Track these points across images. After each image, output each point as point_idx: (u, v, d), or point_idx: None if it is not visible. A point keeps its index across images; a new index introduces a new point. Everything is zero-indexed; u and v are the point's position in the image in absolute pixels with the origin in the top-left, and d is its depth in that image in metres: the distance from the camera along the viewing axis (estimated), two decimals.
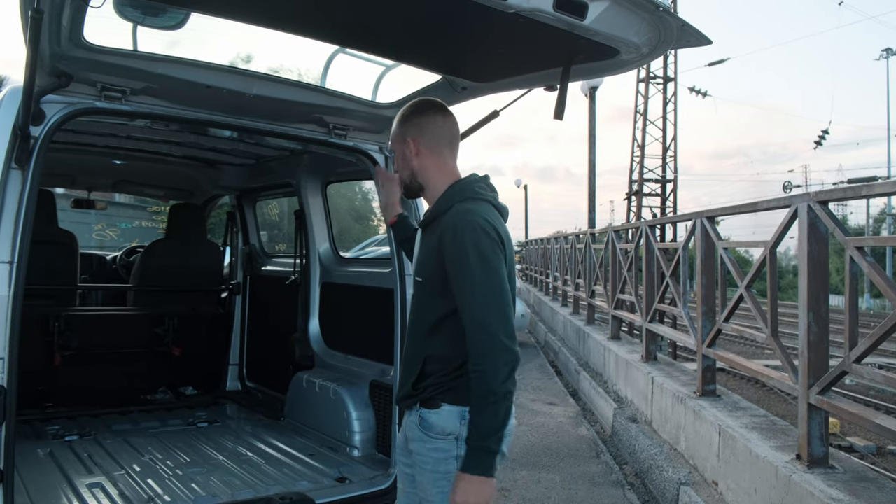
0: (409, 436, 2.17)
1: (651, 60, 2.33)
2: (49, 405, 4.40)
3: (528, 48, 2.42)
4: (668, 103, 21.98)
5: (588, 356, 10.23)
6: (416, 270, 2.18)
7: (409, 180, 2.22)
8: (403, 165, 2.21)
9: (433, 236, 2.07)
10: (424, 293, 2.12)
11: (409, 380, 2.11)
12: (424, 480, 2.10)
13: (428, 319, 2.09)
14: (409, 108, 2.26)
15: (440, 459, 2.06)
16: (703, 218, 5.63)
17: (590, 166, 14.27)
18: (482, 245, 1.95)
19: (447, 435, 2.05)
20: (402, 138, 2.20)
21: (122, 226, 18.11)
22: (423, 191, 2.21)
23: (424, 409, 2.08)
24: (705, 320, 5.65)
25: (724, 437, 4.67)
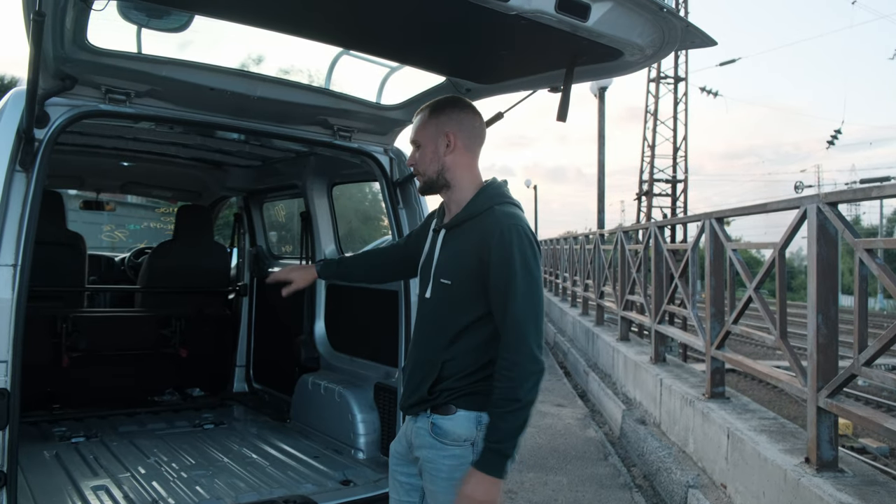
0: (414, 443, 2.11)
1: (655, 62, 2.31)
2: (56, 406, 4.42)
3: (532, 50, 2.40)
4: (678, 103, 21.89)
5: (597, 357, 10.20)
6: (441, 272, 2.07)
7: (435, 175, 2.11)
8: (433, 159, 2.11)
9: (466, 238, 2.03)
10: (453, 296, 2.03)
11: (423, 385, 2.06)
12: (437, 489, 2.05)
13: (454, 324, 2.03)
14: (445, 102, 2.18)
15: (455, 466, 2.01)
16: (711, 219, 5.59)
17: (599, 167, 14.22)
18: (527, 254, 1.95)
19: (463, 441, 2.01)
20: (439, 130, 2.11)
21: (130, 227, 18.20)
22: (448, 189, 2.13)
23: (437, 415, 2.04)
24: (714, 322, 5.61)
25: (733, 439, 4.63)
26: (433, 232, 2.19)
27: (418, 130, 2.16)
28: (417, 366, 2.12)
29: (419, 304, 2.16)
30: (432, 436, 2.03)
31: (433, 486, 2.06)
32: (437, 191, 2.16)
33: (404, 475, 2.20)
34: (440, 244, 2.11)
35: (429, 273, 2.12)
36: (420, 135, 2.15)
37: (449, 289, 2.03)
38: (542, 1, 1.91)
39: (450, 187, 2.12)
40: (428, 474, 2.07)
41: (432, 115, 2.14)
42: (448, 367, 2.03)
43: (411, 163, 2.18)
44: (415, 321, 2.26)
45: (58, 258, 4.58)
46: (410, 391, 2.13)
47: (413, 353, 2.19)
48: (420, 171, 2.15)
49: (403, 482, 2.20)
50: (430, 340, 2.09)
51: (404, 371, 2.23)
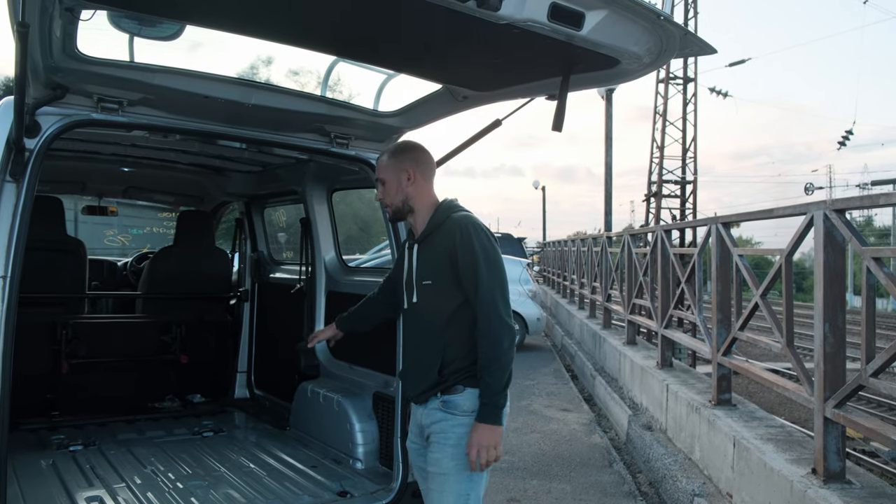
0: (425, 423, 2.46)
1: (654, 70, 2.26)
2: (56, 414, 4.40)
3: (527, 58, 2.36)
4: (687, 104, 21.75)
5: (604, 361, 10.12)
6: (421, 276, 2.45)
7: (401, 204, 2.52)
8: (397, 191, 2.50)
9: (435, 245, 2.43)
10: (435, 292, 2.41)
11: (431, 371, 2.40)
12: (443, 455, 2.37)
13: (442, 313, 2.40)
14: (401, 146, 2.61)
15: (462, 434, 2.35)
16: (718, 224, 5.52)
17: (606, 168, 14.11)
18: (484, 241, 2.38)
19: (470, 412, 2.36)
20: (399, 168, 2.50)
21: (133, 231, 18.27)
22: (413, 213, 2.52)
23: (446, 394, 2.39)
24: (720, 328, 5.54)
25: (739, 448, 4.57)
26: (406, 250, 2.57)
27: (382, 170, 2.55)
28: (418, 359, 2.49)
29: (407, 311, 2.53)
30: (444, 411, 2.39)
31: (440, 452, 2.38)
32: (404, 217, 2.56)
33: (424, 461, 2.51)
34: (416, 257, 2.49)
35: (411, 282, 2.49)
36: (384, 174, 2.54)
37: (431, 287, 2.43)
38: (533, 10, 1.87)
39: (413, 211, 2.53)
40: (436, 444, 2.40)
41: (392, 157, 2.54)
42: (449, 350, 2.39)
43: (379, 197, 2.58)
44: (404, 329, 2.61)
45: (58, 264, 4.57)
46: (418, 381, 2.47)
47: (411, 352, 2.55)
48: (388, 203, 2.55)
49: (425, 467, 2.50)
50: (425, 335, 2.45)
51: (403, 371, 2.61)
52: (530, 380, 9.80)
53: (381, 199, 2.57)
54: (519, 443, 6.49)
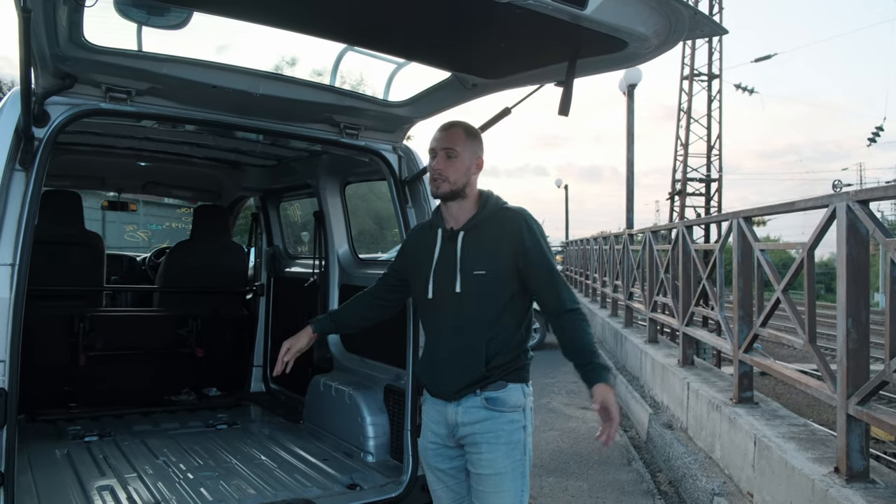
0: (462, 422, 2.36)
1: (662, 52, 2.20)
2: (73, 405, 4.45)
3: (534, 42, 2.32)
4: (712, 101, 21.44)
5: (625, 359, 10.02)
6: (472, 265, 2.35)
7: (461, 186, 2.39)
8: (463, 173, 2.39)
9: (487, 234, 2.37)
10: (489, 283, 2.33)
11: (474, 367, 2.32)
12: (497, 455, 2.31)
13: (493, 305, 2.34)
14: (474, 129, 2.49)
15: (513, 430, 2.33)
16: (739, 218, 5.41)
17: (628, 165, 13.94)
18: (545, 237, 2.43)
19: (518, 408, 2.35)
20: (474, 152, 2.43)
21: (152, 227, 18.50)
22: (463, 199, 2.42)
23: (489, 391, 2.33)
24: (742, 324, 5.44)
25: (760, 446, 4.47)
26: (442, 238, 2.44)
27: (457, 142, 2.40)
28: (457, 353, 2.37)
29: (443, 302, 2.39)
30: (489, 408, 2.33)
31: (492, 452, 2.31)
32: (454, 199, 2.41)
33: (447, 462, 2.46)
34: (461, 245, 2.38)
35: (454, 270, 2.36)
36: (460, 147, 2.40)
37: (484, 278, 2.33)
38: None
39: (465, 198, 2.42)
40: (486, 444, 2.32)
41: (469, 136, 2.43)
42: (492, 346, 2.33)
43: (439, 168, 2.38)
44: (434, 321, 2.46)
45: (76, 258, 4.62)
46: (457, 376, 2.36)
47: (447, 345, 2.40)
48: (449, 179, 2.38)
49: (447, 469, 2.47)
50: (470, 327, 2.35)
51: (432, 366, 2.45)
52: (550, 378, 9.72)
53: (441, 171, 2.38)
54: (536, 440, 6.39)
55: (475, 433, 2.34)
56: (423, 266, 2.47)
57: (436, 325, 2.46)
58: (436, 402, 2.46)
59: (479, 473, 2.34)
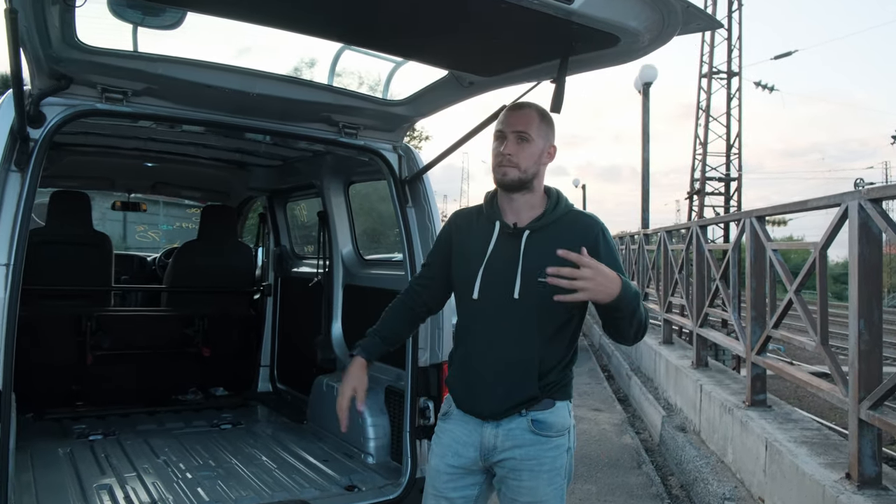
0: (501, 446, 2.11)
1: (657, 48, 2.14)
2: (80, 404, 4.48)
3: (526, 38, 2.28)
4: (731, 98, 21.18)
5: (640, 361, 9.93)
6: (538, 272, 2.02)
7: (529, 177, 2.13)
8: (534, 162, 2.12)
9: (558, 238, 2.04)
10: (551, 293, 1.97)
11: (527, 383, 2.07)
12: (539, 483, 2.09)
13: (554, 320, 2.09)
14: (550, 116, 2.21)
15: (557, 456, 2.11)
16: (752, 218, 5.32)
17: (643, 164, 13.83)
18: (615, 245, 2.26)
19: (564, 430, 2.13)
20: (548, 140, 2.17)
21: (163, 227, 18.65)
22: (529, 192, 2.15)
23: (535, 411, 2.10)
24: (755, 326, 5.35)
25: (771, 451, 4.39)
26: (502, 233, 2.14)
27: (531, 125, 2.13)
28: (505, 369, 2.10)
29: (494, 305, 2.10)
30: (535, 432, 2.09)
31: (534, 480, 2.09)
32: (519, 190, 2.14)
33: (460, 490, 2.18)
34: (524, 246, 2.09)
35: (512, 274, 2.08)
36: (534, 132, 2.13)
37: (549, 287, 1.97)
38: None
39: (531, 190, 2.15)
40: (528, 471, 2.09)
41: (543, 120, 2.16)
42: (545, 364, 2.09)
43: (510, 152, 2.10)
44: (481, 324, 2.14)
45: (84, 258, 4.66)
46: (499, 396, 2.10)
47: (494, 356, 2.11)
48: (520, 166, 2.10)
49: (457, 498, 2.18)
50: (521, 341, 2.08)
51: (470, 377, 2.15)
52: None
53: (511, 156, 2.09)
54: None
55: (515, 458, 2.10)
56: (470, 261, 2.16)
57: (480, 334, 2.14)
58: (468, 420, 2.16)
59: (517, 500, 2.12)
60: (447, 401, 2.26)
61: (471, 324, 2.17)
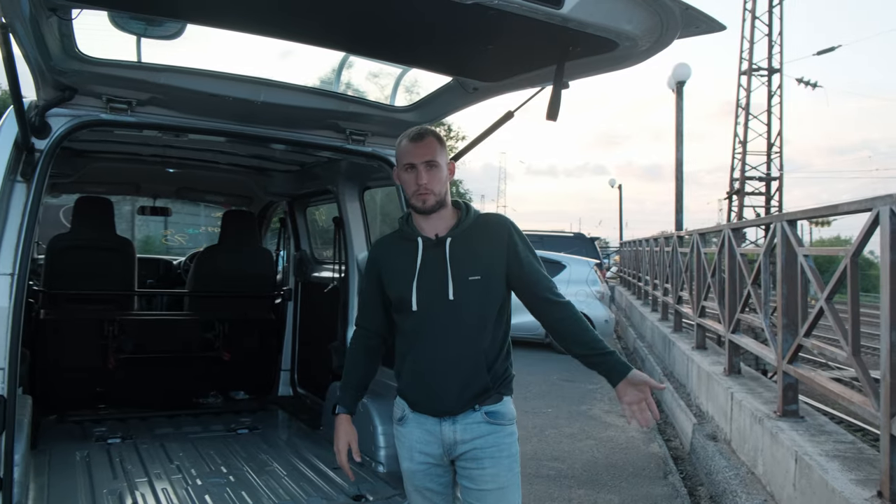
0: (461, 439, 2.28)
1: (658, 51, 2.06)
2: (102, 406, 4.55)
3: (524, 44, 2.23)
4: (772, 96, 20.62)
5: (673, 366, 9.72)
6: (465, 271, 2.26)
7: (443, 196, 2.31)
8: (444, 182, 2.31)
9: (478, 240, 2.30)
10: (482, 288, 2.27)
11: (477, 378, 2.26)
12: (500, 469, 2.27)
13: (488, 312, 2.29)
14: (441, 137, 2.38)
15: (512, 443, 2.31)
16: (782, 221, 5.14)
17: (677, 165, 13.54)
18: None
19: (513, 420, 2.34)
20: (446, 159, 2.34)
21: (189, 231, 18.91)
22: (443, 208, 2.33)
23: (488, 405, 2.28)
24: (786, 333, 5.16)
25: (801, 464, 4.23)
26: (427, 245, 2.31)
27: (435, 152, 2.28)
28: (455, 365, 2.26)
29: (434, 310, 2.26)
30: (491, 422, 2.28)
31: (496, 466, 2.27)
32: (437, 210, 2.31)
33: (437, 481, 2.38)
34: (449, 252, 2.28)
35: (444, 279, 2.26)
36: (439, 157, 2.29)
37: (479, 283, 2.26)
38: None
39: (445, 206, 2.34)
40: (489, 458, 2.27)
41: (441, 143, 2.32)
42: (489, 354, 2.28)
43: (424, 181, 2.25)
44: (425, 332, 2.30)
45: (106, 263, 4.74)
46: (454, 391, 2.26)
47: (442, 355, 2.27)
48: (435, 191, 2.27)
49: (437, 488, 2.38)
50: (464, 337, 2.26)
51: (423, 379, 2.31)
52: (594, 384, 9.50)
53: (426, 185, 2.25)
54: (571, 449, 6.28)
55: (476, 448, 2.28)
56: (402, 278, 2.32)
57: (425, 340, 2.30)
58: (423, 420, 2.32)
59: (482, 489, 2.27)
60: (398, 406, 2.41)
61: (414, 334, 2.32)
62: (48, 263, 4.64)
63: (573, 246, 16.60)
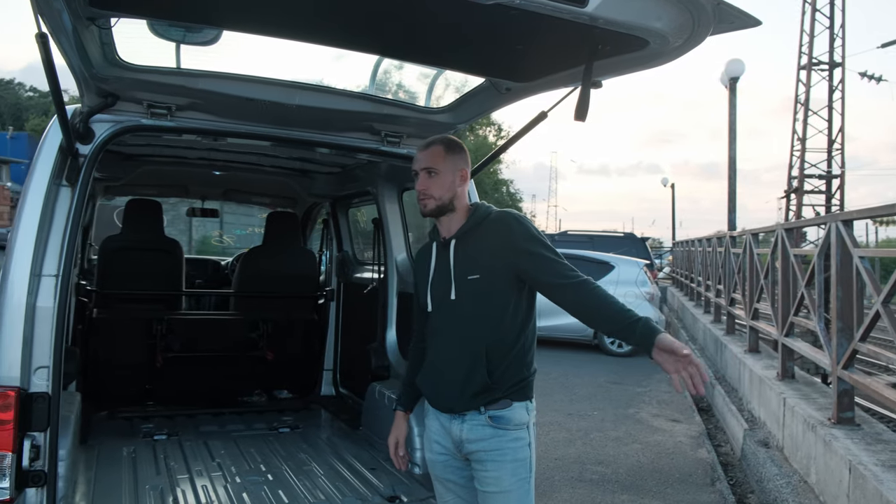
0: (466, 439, 2.33)
1: (691, 48, 2.00)
2: (150, 404, 4.68)
3: (553, 44, 2.19)
4: (834, 91, 19.87)
5: (725, 369, 9.47)
6: (465, 270, 2.33)
7: (447, 202, 2.39)
8: (449, 187, 2.38)
9: (479, 239, 2.35)
10: (483, 286, 2.30)
11: (475, 377, 2.28)
12: (503, 473, 2.29)
13: (490, 309, 2.30)
14: (455, 142, 2.46)
15: (518, 448, 2.31)
16: (837, 221, 4.95)
17: (729, 163, 13.15)
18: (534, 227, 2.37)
19: (522, 425, 2.32)
20: (455, 166, 2.40)
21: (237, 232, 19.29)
22: (452, 213, 2.41)
23: (493, 409, 2.30)
24: (841, 338, 4.97)
25: (855, 474, 4.06)
26: (437, 249, 2.46)
27: (436, 161, 2.39)
28: (456, 363, 2.32)
29: (440, 311, 2.40)
30: (494, 426, 2.30)
31: (498, 470, 2.29)
32: (443, 214, 2.41)
33: (456, 472, 2.43)
34: (453, 252, 2.37)
35: (448, 278, 2.36)
36: (440, 165, 2.38)
37: (478, 281, 2.30)
38: None
39: (454, 211, 2.42)
40: (491, 462, 2.30)
41: (449, 151, 2.41)
42: (493, 354, 2.28)
43: (423, 188, 2.38)
44: (434, 331, 2.43)
45: (155, 263, 4.87)
46: (455, 389, 2.33)
47: (445, 356, 2.37)
48: (436, 196, 2.38)
49: (458, 479, 2.44)
50: (465, 336, 2.32)
51: (431, 378, 2.43)
52: (642, 387, 9.32)
53: (424, 190, 2.38)
54: (616, 453, 6.17)
55: (480, 450, 2.33)
56: (422, 281, 2.50)
57: (435, 339, 2.43)
58: (438, 415, 2.43)
59: (485, 491, 2.33)
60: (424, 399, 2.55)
61: (430, 333, 2.45)
62: (100, 264, 4.80)
63: (623, 246, 16.37)
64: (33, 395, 2.37)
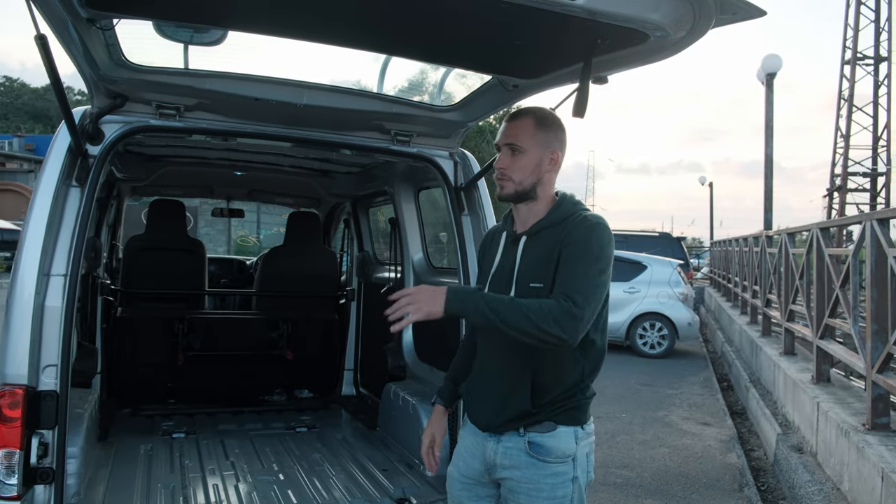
0: (500, 464, 2.06)
1: (693, 41, 1.93)
2: (172, 402, 4.74)
3: (553, 39, 2.14)
4: (880, 86, 19.23)
5: (760, 372, 9.23)
6: (531, 277, 2.01)
7: (527, 188, 2.07)
8: (530, 172, 2.06)
9: (546, 241, 2.01)
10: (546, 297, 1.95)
11: (518, 397, 2.01)
12: None
13: None
14: (552, 118, 2.13)
15: (557, 484, 2.00)
16: (872, 221, 4.77)
17: (766, 161, 12.81)
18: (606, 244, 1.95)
19: (566, 457, 2.01)
20: (547, 146, 2.08)
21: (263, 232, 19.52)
22: (533, 201, 2.09)
23: (535, 432, 2.01)
24: (876, 340, 4.79)
25: (888, 483, 3.91)
26: (505, 241, 2.15)
27: (522, 136, 2.06)
28: (498, 379, 2.06)
29: None
30: (531, 455, 2.01)
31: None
32: (522, 200, 2.09)
33: (472, 500, 2.16)
34: (521, 251, 2.06)
35: (510, 280, 2.05)
36: (526, 142, 2.06)
37: (541, 291, 1.96)
38: None
39: (535, 199, 2.09)
40: (524, 494, 2.01)
41: (540, 127, 2.08)
42: (541, 376, 1.99)
43: (502, 166, 2.07)
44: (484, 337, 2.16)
45: (178, 263, 4.94)
46: (493, 407, 2.06)
47: (490, 366, 2.11)
48: (514, 179, 2.06)
49: None
50: (514, 351, 1.98)
51: (474, 391, 2.16)
52: (674, 389, 9.14)
53: (504, 169, 2.05)
54: (642, 457, 6.05)
55: (513, 479, 2.04)
56: (486, 272, 2.18)
57: (484, 344, 2.14)
58: (475, 431, 2.14)
59: None
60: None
61: (480, 335, 2.17)
62: (124, 263, 4.89)
63: (658, 246, 16.10)
64: (41, 394, 2.40)
